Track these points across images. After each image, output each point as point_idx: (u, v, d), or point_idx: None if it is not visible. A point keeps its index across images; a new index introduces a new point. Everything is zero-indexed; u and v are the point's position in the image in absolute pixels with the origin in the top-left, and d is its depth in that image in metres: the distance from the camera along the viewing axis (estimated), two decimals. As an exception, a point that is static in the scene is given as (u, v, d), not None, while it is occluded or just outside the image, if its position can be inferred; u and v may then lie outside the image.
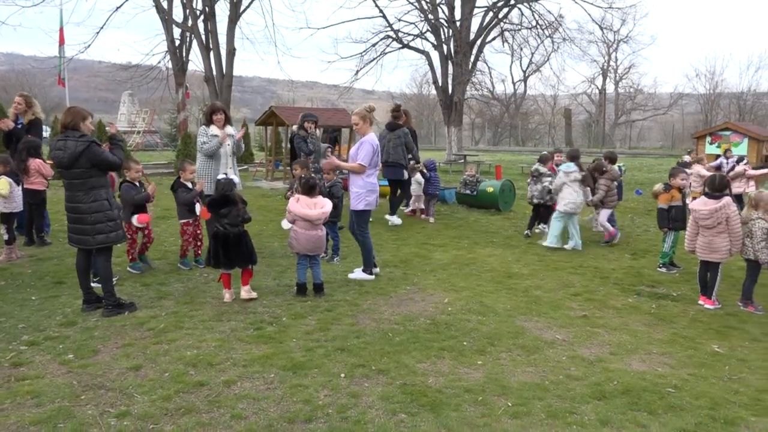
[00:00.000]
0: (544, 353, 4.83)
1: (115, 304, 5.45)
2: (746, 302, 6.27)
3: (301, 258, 6.14)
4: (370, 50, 24.62)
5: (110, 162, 5.41)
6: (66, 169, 5.26)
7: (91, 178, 5.32)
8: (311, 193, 6.12)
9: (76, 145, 5.20)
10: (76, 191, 5.32)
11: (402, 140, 9.99)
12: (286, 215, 6.23)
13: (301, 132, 9.57)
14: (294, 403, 3.82)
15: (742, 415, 3.85)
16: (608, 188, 9.19)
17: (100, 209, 5.35)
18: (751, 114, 49.08)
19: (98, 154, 5.30)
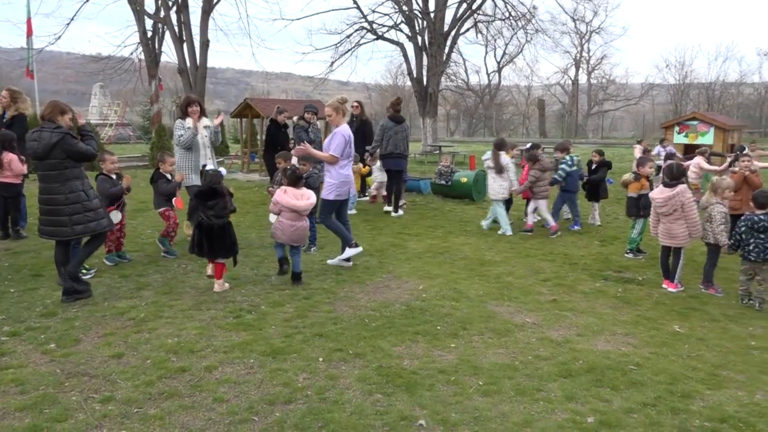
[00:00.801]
0: (514, 336, 5.03)
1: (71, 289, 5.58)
2: (707, 285, 6.55)
3: (279, 244, 6.30)
4: (344, 42, 24.65)
5: (84, 152, 5.47)
6: (41, 159, 5.32)
7: (67, 169, 5.39)
8: (297, 184, 6.25)
9: (50, 136, 5.26)
10: (52, 182, 5.38)
11: (408, 132, 10.50)
12: (271, 207, 6.33)
13: (301, 122, 9.71)
14: (274, 386, 3.96)
15: (698, 389, 4.09)
16: (536, 178, 9.34)
17: (77, 200, 5.43)
18: (719, 104, 50.12)
19: (72, 144, 5.36)
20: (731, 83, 52.23)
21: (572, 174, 9.67)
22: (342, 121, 6.82)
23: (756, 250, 5.92)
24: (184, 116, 7.36)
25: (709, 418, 3.66)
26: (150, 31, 20.62)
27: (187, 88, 19.35)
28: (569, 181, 9.70)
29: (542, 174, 9.38)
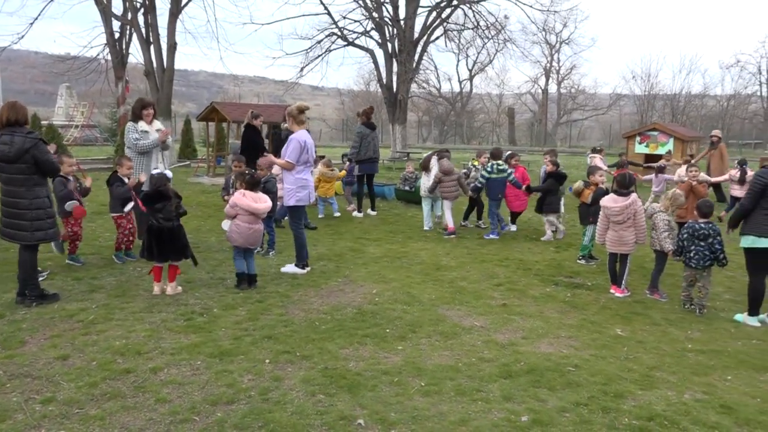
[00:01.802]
0: (461, 338, 5.15)
1: (38, 295, 5.53)
2: (653, 290, 6.77)
3: (238, 251, 6.32)
4: (315, 47, 24.76)
5: (53, 163, 5.49)
6: (9, 163, 5.29)
7: (34, 175, 5.39)
8: (255, 188, 6.32)
9: (24, 141, 5.26)
10: (18, 187, 5.36)
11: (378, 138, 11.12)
12: (228, 210, 6.35)
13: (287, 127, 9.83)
14: (218, 387, 4.01)
15: (630, 389, 4.26)
16: (437, 180, 9.73)
17: (41, 206, 5.44)
18: (683, 115, 51.39)
19: (43, 152, 5.37)
20: (695, 95, 53.60)
21: (494, 181, 9.71)
22: (298, 128, 6.90)
23: (696, 257, 6.15)
24: (137, 119, 7.36)
25: (637, 417, 3.82)
26: (117, 33, 20.48)
27: (153, 90, 19.23)
28: (491, 188, 9.78)
29: (444, 176, 9.68)
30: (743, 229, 5.97)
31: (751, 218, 5.88)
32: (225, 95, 61.69)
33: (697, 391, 4.28)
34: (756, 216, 5.83)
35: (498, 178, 9.68)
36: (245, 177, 6.54)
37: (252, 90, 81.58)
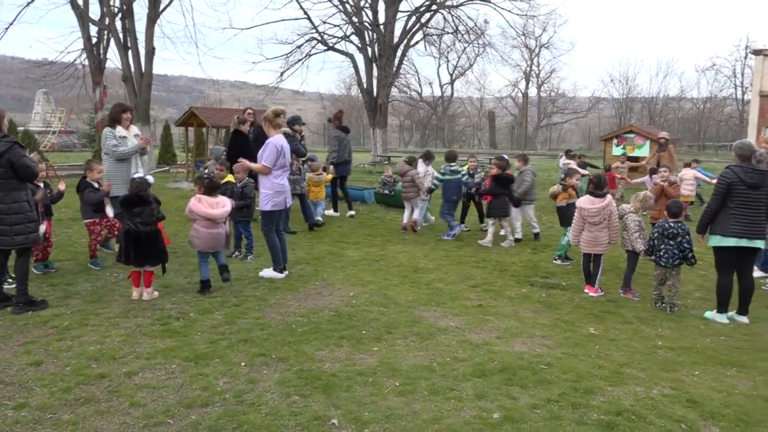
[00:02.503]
0: (436, 339, 5.21)
1: (26, 302, 5.50)
2: (626, 289, 6.90)
3: (203, 256, 6.33)
4: (295, 52, 24.79)
5: (29, 166, 5.43)
6: None
7: (11, 179, 5.35)
8: (213, 192, 6.32)
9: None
10: None
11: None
12: (186, 214, 6.35)
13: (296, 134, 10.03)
14: (193, 390, 4.03)
15: (600, 385, 4.34)
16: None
17: (20, 210, 5.40)
18: (661, 118, 52.13)
19: (20, 155, 5.33)
20: (672, 98, 54.40)
21: (448, 183, 9.89)
22: (274, 132, 6.92)
23: (666, 255, 6.28)
24: (114, 123, 7.33)
25: (606, 412, 3.90)
26: (95, 38, 20.36)
27: (131, 96, 19.13)
28: (445, 189, 9.98)
29: (401, 178, 10.21)
30: (711, 229, 6.12)
31: (717, 218, 6.02)
32: (206, 100, 61.27)
33: (665, 386, 4.38)
34: (722, 216, 5.98)
35: (452, 179, 9.88)
36: (203, 181, 6.54)
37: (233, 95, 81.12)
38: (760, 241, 5.95)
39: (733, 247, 5.95)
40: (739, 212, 5.88)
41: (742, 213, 5.87)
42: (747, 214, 5.86)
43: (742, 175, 5.89)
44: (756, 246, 5.95)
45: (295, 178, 9.79)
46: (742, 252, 6.00)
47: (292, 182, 9.63)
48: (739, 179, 5.89)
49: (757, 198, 5.87)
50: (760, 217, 5.91)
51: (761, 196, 5.88)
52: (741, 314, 6.14)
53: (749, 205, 5.87)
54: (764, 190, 5.88)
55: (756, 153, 5.93)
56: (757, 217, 5.89)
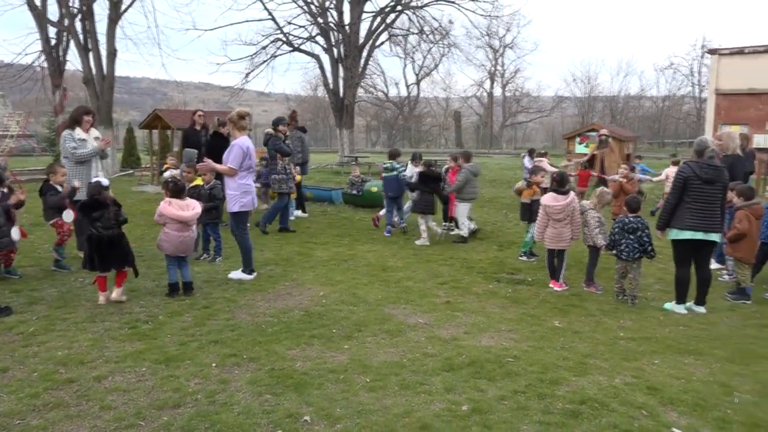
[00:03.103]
0: (405, 336, 5.30)
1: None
2: (589, 283, 7.09)
3: (170, 259, 6.29)
4: (260, 53, 24.65)
5: None
6: None
7: None
8: (181, 195, 6.28)
9: None
10: None
11: None
12: (156, 218, 6.30)
13: (279, 135, 10.05)
14: (164, 392, 4.03)
15: (565, 376, 4.48)
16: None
17: None
18: (622, 116, 53.25)
19: None
20: (632, 96, 55.63)
21: (386, 179, 10.16)
22: (240, 134, 6.92)
23: (626, 249, 6.48)
24: (75, 125, 7.23)
25: (570, 401, 4.03)
26: (53, 39, 19.93)
27: (93, 98, 18.80)
28: (384, 186, 10.28)
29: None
30: (670, 223, 6.34)
31: (675, 212, 6.24)
32: (170, 102, 60.42)
33: (627, 375, 4.54)
34: (679, 210, 6.20)
35: (389, 176, 10.10)
36: (169, 184, 6.50)
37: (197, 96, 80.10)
38: (715, 234, 6.17)
39: (690, 240, 6.17)
40: (694, 206, 6.11)
41: (698, 207, 6.10)
42: (702, 208, 6.09)
43: (697, 171, 6.11)
44: (711, 239, 6.18)
45: (281, 177, 9.85)
46: (699, 245, 6.22)
47: (279, 182, 9.72)
48: (694, 174, 6.12)
49: (712, 193, 6.10)
50: (716, 212, 6.14)
51: (716, 190, 6.11)
52: (699, 305, 6.36)
53: (704, 200, 6.09)
54: (719, 185, 6.11)
55: (708, 149, 6.16)
56: (712, 211, 6.12)
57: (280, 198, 9.95)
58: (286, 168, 9.88)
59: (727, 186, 6.21)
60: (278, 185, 9.86)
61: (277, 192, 9.96)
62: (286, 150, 9.91)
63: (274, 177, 9.90)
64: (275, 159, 9.90)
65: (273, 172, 9.93)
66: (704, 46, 47.23)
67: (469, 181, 9.57)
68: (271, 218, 9.94)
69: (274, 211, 9.97)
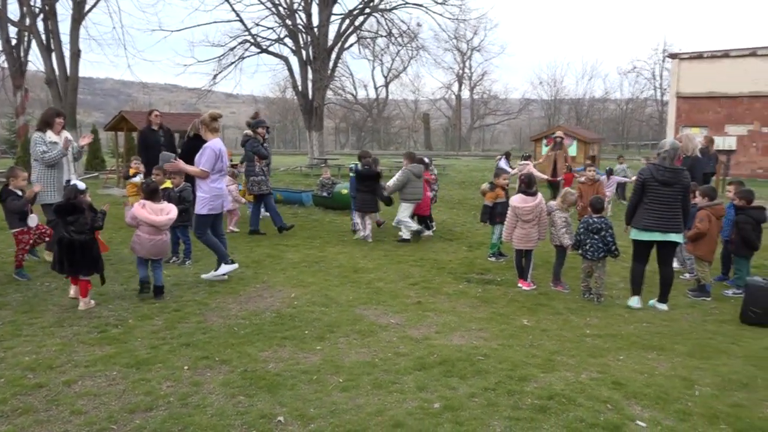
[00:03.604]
0: (377, 336, 5.35)
1: None
2: (556, 283, 7.25)
3: (142, 260, 6.24)
4: (228, 54, 24.40)
5: None
6: None
7: None
8: (154, 197, 6.23)
9: None
10: None
11: None
12: (128, 221, 6.25)
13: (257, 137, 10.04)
14: (136, 396, 4.01)
15: (534, 373, 4.58)
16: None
17: None
18: (587, 118, 54.28)
19: None
20: (597, 99, 56.76)
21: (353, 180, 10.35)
22: (211, 136, 6.90)
23: (591, 249, 6.65)
24: (46, 127, 7.11)
25: (539, 397, 4.13)
26: (14, 39, 19.47)
27: (56, 99, 18.43)
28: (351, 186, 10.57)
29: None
30: (632, 222, 6.55)
31: (636, 212, 6.45)
32: (134, 104, 59.48)
33: (593, 371, 4.67)
34: (639, 210, 6.42)
35: (353, 177, 10.32)
36: (143, 186, 6.44)
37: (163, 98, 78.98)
38: (674, 234, 6.36)
39: (649, 240, 6.37)
40: (652, 207, 6.32)
41: (655, 208, 6.30)
42: (659, 209, 6.29)
43: (654, 173, 6.33)
44: (670, 240, 6.37)
45: (260, 179, 9.90)
46: (660, 244, 6.42)
47: (257, 183, 9.71)
48: (652, 176, 6.33)
49: (670, 194, 6.29)
50: (674, 212, 6.32)
51: (674, 192, 6.30)
52: (661, 302, 6.56)
53: (661, 201, 6.29)
54: (677, 187, 6.30)
55: (661, 151, 6.38)
56: (670, 212, 6.30)
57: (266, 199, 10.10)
58: (264, 170, 9.91)
59: (688, 187, 6.40)
60: (257, 187, 9.89)
61: (256, 194, 9.96)
62: (263, 153, 9.95)
63: (252, 179, 9.92)
64: (253, 161, 9.90)
65: (251, 174, 9.94)
66: (665, 50, 48.50)
67: (409, 182, 9.69)
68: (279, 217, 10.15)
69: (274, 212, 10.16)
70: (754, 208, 7.15)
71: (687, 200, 6.43)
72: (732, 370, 4.77)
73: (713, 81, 25.45)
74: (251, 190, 10.01)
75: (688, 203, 6.45)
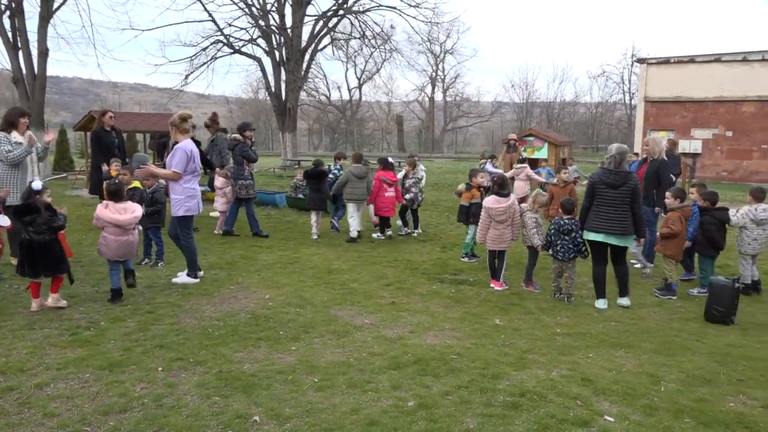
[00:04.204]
0: (352, 336, 5.39)
1: None
2: (528, 283, 7.37)
3: (113, 264, 6.18)
4: (200, 54, 24.24)
5: None
6: None
7: None
8: (116, 197, 6.18)
9: None
10: None
11: None
12: (94, 223, 6.19)
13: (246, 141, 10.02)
14: (109, 398, 3.99)
15: (506, 371, 4.67)
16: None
17: None
18: (558, 121, 55.06)
19: None
20: (568, 102, 57.62)
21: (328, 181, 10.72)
22: (182, 137, 6.86)
23: (562, 250, 6.78)
24: (10, 127, 7.00)
25: (511, 394, 4.22)
26: (-21, 37, 19.00)
27: (23, 99, 18.08)
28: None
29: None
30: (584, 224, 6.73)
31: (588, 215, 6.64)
32: (103, 103, 58.49)
33: (563, 368, 4.78)
34: (590, 213, 6.63)
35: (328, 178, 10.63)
36: (107, 186, 6.38)
37: (132, 98, 77.82)
38: (615, 237, 6.49)
39: (599, 241, 6.54)
40: (600, 210, 6.51)
41: (603, 210, 6.49)
42: (607, 211, 6.47)
43: (602, 176, 6.52)
44: (610, 242, 6.52)
45: (248, 183, 9.95)
46: (611, 244, 6.58)
47: (246, 187, 9.69)
48: (600, 179, 6.52)
49: (618, 196, 6.44)
50: (622, 214, 6.45)
51: (621, 194, 6.44)
52: (622, 296, 6.74)
53: (609, 203, 6.47)
54: (624, 190, 6.44)
55: (607, 156, 6.58)
56: (618, 214, 6.44)
57: (248, 203, 10.08)
58: (252, 174, 10.02)
59: (635, 190, 6.49)
60: (245, 191, 9.91)
61: (243, 198, 9.96)
62: (252, 156, 9.99)
63: (240, 182, 9.92)
64: (242, 165, 9.92)
65: (239, 178, 9.92)
66: (634, 55, 49.48)
67: (349, 182, 9.89)
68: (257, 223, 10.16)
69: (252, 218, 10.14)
70: (718, 209, 7.37)
71: (636, 203, 6.51)
72: (696, 366, 4.92)
73: (680, 86, 26.05)
74: (239, 194, 9.97)
75: (637, 206, 6.53)
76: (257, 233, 10.00)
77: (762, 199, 7.38)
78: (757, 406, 4.20)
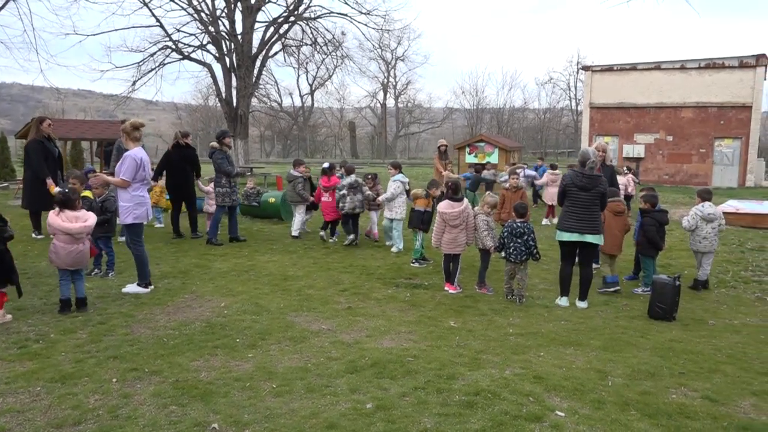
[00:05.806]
0: (309, 342, 5.42)
1: None
2: (481, 285, 7.54)
3: (63, 273, 6.05)
4: (147, 60, 23.75)
5: None
6: None
7: None
8: (68, 206, 6.05)
9: None
10: None
11: None
12: (48, 230, 6.05)
13: (224, 149, 9.96)
14: (62, 410, 3.92)
15: (461, 371, 4.79)
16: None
17: None
18: (507, 127, 56.14)
19: None
20: (517, 109, 58.80)
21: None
22: (133, 145, 6.77)
23: (514, 252, 6.98)
24: None
25: (466, 393, 4.33)
26: None
27: (-39, 105, 17.34)
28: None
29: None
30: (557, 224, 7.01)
31: (561, 215, 6.90)
32: (45, 110, 56.46)
33: (516, 367, 4.93)
34: (562, 213, 6.88)
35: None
36: (55, 196, 6.25)
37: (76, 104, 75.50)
38: (591, 236, 6.78)
39: (570, 240, 6.78)
40: (571, 210, 6.75)
41: (574, 211, 6.73)
42: (578, 212, 6.71)
43: (574, 179, 6.75)
44: (587, 240, 6.79)
45: (225, 191, 9.95)
46: (581, 245, 6.84)
47: (223, 195, 9.74)
48: (572, 182, 6.74)
49: (588, 198, 6.72)
50: (592, 215, 6.75)
51: (591, 196, 6.73)
52: (581, 300, 6.97)
53: (580, 204, 6.72)
54: (594, 192, 6.74)
55: (589, 160, 6.81)
56: (589, 215, 6.73)
57: (217, 210, 10.10)
58: (230, 182, 9.99)
59: (604, 193, 6.85)
60: (221, 198, 9.92)
61: (219, 205, 9.98)
62: (226, 169, 9.92)
63: (218, 190, 9.94)
64: (220, 173, 9.91)
65: (217, 185, 9.98)
66: (579, 62, 50.93)
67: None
68: (215, 230, 10.09)
69: (215, 224, 10.12)
70: (658, 211, 7.71)
71: (604, 205, 6.98)
72: (641, 361, 5.15)
73: (623, 92, 27.02)
74: (216, 201, 9.99)
75: (604, 207, 6.99)
76: (235, 238, 10.23)
77: (708, 199, 7.83)
78: (697, 397, 4.43)
